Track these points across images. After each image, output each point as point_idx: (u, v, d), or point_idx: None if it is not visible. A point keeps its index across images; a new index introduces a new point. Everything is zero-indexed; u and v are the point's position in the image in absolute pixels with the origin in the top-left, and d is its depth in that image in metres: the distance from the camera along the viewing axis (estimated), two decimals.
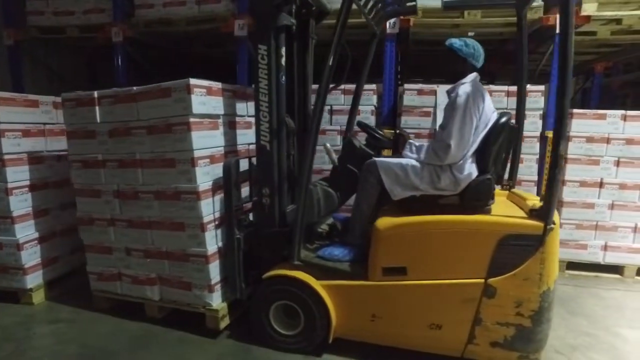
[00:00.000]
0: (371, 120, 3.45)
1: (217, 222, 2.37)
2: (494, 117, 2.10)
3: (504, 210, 2.11)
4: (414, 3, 2.63)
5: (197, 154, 2.22)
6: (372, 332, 2.16)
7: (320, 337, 2.17)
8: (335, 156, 2.40)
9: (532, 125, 3.33)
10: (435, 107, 3.42)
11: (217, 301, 2.38)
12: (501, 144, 2.11)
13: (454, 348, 2.06)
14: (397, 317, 2.08)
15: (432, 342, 2.08)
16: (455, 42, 2.11)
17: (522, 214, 2.04)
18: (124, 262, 2.54)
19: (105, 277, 2.59)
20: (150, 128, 2.30)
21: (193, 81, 2.16)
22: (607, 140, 3.31)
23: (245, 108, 2.69)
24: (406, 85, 3.45)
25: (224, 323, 2.39)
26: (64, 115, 2.53)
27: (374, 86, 3.52)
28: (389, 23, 3.58)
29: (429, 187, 2.08)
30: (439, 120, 3.39)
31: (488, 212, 2.07)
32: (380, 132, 2.52)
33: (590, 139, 3.33)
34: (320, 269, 2.19)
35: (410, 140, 2.25)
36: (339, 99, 3.50)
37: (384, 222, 2.07)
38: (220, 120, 2.42)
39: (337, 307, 2.13)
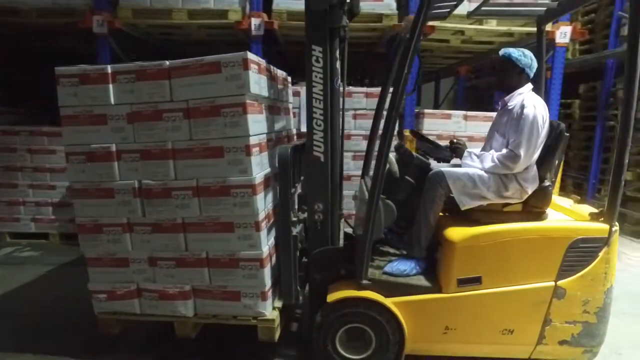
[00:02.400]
0: None
1: (268, 220, 2.07)
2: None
3: (551, 214, 2.17)
4: (448, 10, 2.54)
5: (252, 140, 1.91)
6: (444, 344, 2.09)
7: (392, 357, 2.04)
8: (397, 167, 2.26)
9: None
10: (299, 107, 3.35)
11: (269, 309, 2.08)
12: (558, 152, 2.17)
13: (524, 350, 2.07)
14: (470, 327, 2.04)
15: (503, 347, 2.07)
16: (514, 52, 2.09)
17: (573, 217, 2.14)
18: (146, 274, 2.09)
19: (119, 295, 2.11)
20: (190, 110, 1.91)
21: (250, 55, 1.85)
22: (453, 137, 3.48)
23: (277, 92, 2.41)
24: None
25: (277, 333, 2.11)
26: (59, 95, 1.99)
27: None
28: (254, 25, 3.69)
29: (495, 196, 2.06)
30: (303, 120, 3.01)
31: (545, 217, 2.11)
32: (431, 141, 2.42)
33: (439, 137, 3.70)
34: (389, 286, 2.06)
35: (469, 149, 2.21)
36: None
37: (456, 233, 2.01)
38: (264, 104, 2.12)
39: (409, 324, 2.01)
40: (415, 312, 2.03)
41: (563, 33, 3.91)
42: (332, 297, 2.03)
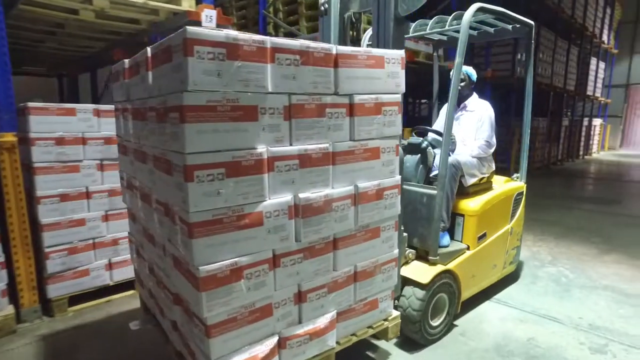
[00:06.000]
0: None
1: None
2: None
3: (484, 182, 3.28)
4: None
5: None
6: (470, 288, 2.77)
7: (453, 313, 2.56)
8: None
9: None
10: None
11: None
12: None
13: (497, 276, 3.06)
14: (480, 269, 2.83)
15: (492, 278, 2.99)
16: (468, 69, 2.99)
17: (503, 182, 3.30)
18: (291, 317, 1.60)
19: None
20: (353, 107, 1.64)
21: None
22: None
23: None
24: None
25: None
26: (190, 72, 1.17)
27: None
28: None
29: (480, 173, 2.89)
30: None
31: (491, 185, 3.16)
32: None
33: (62, 140, 2.78)
34: (446, 256, 2.53)
35: (457, 141, 2.91)
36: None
37: (472, 205, 2.71)
38: None
39: (461, 281, 2.59)
40: (461, 270, 2.61)
41: (209, 17, 3.41)
42: (424, 277, 2.30)
